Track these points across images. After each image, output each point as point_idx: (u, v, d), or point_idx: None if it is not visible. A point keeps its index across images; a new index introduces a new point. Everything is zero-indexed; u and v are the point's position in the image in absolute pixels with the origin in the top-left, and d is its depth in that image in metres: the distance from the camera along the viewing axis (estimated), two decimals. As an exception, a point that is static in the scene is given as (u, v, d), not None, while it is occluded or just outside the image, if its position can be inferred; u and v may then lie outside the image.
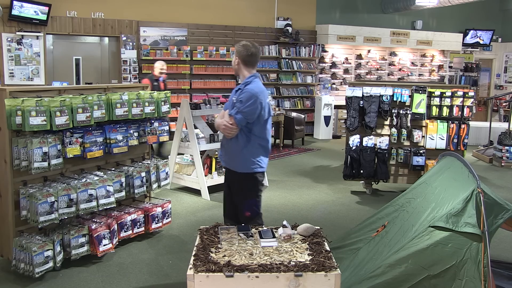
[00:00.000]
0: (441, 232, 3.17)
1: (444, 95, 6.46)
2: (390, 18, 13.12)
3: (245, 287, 2.63)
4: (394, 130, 6.51)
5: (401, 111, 6.45)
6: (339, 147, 10.04)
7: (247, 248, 2.96)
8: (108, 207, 4.30)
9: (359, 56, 12.54)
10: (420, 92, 6.42)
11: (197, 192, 6.46)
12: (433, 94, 6.47)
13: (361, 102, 6.45)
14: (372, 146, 6.46)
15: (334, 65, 12.24)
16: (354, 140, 6.49)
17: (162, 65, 7.82)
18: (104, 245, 4.24)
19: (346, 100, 6.55)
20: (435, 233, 3.19)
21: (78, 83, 9.58)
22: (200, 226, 3.35)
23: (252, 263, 2.74)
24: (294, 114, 10.55)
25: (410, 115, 6.41)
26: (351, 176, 6.57)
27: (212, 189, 6.36)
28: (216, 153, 6.68)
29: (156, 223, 4.88)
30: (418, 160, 6.45)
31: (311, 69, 11.92)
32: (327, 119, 11.52)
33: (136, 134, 4.71)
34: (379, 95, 6.43)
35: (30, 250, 3.76)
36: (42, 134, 3.90)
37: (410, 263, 3.14)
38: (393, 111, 6.48)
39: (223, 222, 3.68)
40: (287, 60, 11.54)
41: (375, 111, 6.43)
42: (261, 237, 3.11)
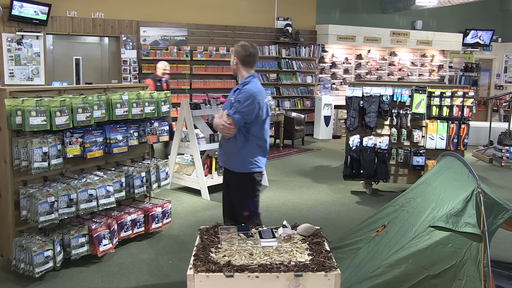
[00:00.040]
0: (441, 232, 3.17)
1: (444, 95, 6.46)
2: (390, 18, 13.12)
3: (245, 287, 2.63)
4: (394, 130, 6.51)
5: (401, 111, 6.45)
6: (339, 147, 10.04)
7: (247, 248, 2.96)
8: (108, 207, 4.30)
9: (359, 56, 12.54)
10: (420, 92, 6.42)
11: (197, 192, 6.46)
12: (433, 94, 6.47)
13: (361, 102, 6.45)
14: (372, 146, 6.46)
15: (334, 65, 12.24)
16: (354, 140, 6.49)
17: (165, 65, 7.82)
18: (104, 245, 4.24)
19: (346, 100, 6.55)
20: (435, 233, 3.19)
21: (78, 83, 9.58)
22: (200, 226, 3.35)
23: (252, 263, 2.74)
24: (294, 114, 10.54)
25: (410, 115, 6.42)
26: (351, 176, 6.57)
27: (212, 189, 6.36)
28: (216, 153, 6.68)
29: (156, 223, 4.88)
30: (418, 160, 6.45)
31: (311, 69, 11.92)
32: (327, 119, 11.52)
33: (136, 134, 4.71)
34: (379, 95, 6.43)
35: (30, 250, 3.76)
36: (42, 134, 3.90)
37: (410, 263, 3.14)
38: (393, 111, 6.48)
39: (223, 222, 3.68)
40: (287, 60, 11.54)
41: (375, 111, 6.43)
42: (261, 237, 3.11)
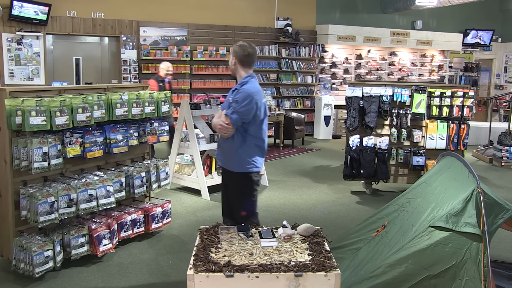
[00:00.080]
0: (441, 232, 3.17)
1: (444, 95, 6.46)
2: (390, 18, 13.12)
3: (245, 287, 2.63)
4: (394, 130, 6.51)
5: (401, 111, 6.45)
6: (339, 147, 10.03)
7: (247, 248, 2.96)
8: (108, 207, 4.30)
9: (359, 56, 12.53)
10: (420, 92, 6.42)
11: (197, 192, 6.46)
12: (433, 94, 6.47)
13: (361, 102, 6.45)
14: (372, 146, 6.46)
15: (334, 65, 12.24)
16: (354, 140, 6.49)
17: (167, 66, 7.82)
18: (104, 245, 4.24)
19: (346, 100, 6.55)
20: (435, 233, 3.19)
21: (78, 83, 9.58)
22: (200, 226, 3.35)
23: (252, 263, 2.74)
24: (294, 114, 10.54)
25: (410, 115, 6.41)
26: (351, 176, 6.57)
27: (212, 189, 6.36)
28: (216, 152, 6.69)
29: (156, 223, 4.88)
30: (418, 160, 6.45)
31: (311, 69, 11.92)
32: (327, 119, 11.52)
33: (136, 134, 4.71)
34: (379, 95, 6.43)
35: (30, 250, 3.76)
36: (42, 134, 3.90)
37: (410, 263, 3.14)
38: (393, 111, 6.48)
39: (222, 222, 3.68)
40: (287, 60, 11.54)
41: (375, 111, 6.43)
42: (261, 237, 3.11)
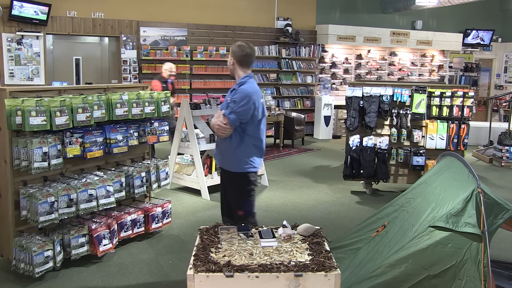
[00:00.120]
0: (441, 232, 3.17)
1: (444, 95, 6.46)
2: (390, 18, 13.12)
3: (245, 287, 2.63)
4: (394, 130, 6.50)
5: (401, 111, 6.45)
6: (339, 147, 10.03)
7: (247, 248, 2.96)
8: (108, 207, 4.30)
9: (359, 56, 12.54)
10: (420, 92, 6.42)
11: (197, 192, 6.46)
12: (433, 94, 6.47)
13: (361, 102, 6.45)
14: (372, 146, 6.46)
15: (334, 65, 12.24)
16: (354, 140, 6.48)
17: (171, 67, 7.83)
18: (104, 245, 4.24)
19: (346, 100, 6.55)
20: (435, 233, 3.19)
21: (78, 83, 9.59)
22: (200, 226, 3.34)
23: (252, 263, 2.74)
24: (294, 114, 10.54)
25: (410, 115, 6.41)
26: (351, 176, 6.57)
27: (212, 189, 6.35)
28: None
29: (156, 223, 4.88)
30: (418, 160, 6.45)
31: (311, 69, 11.92)
32: (327, 119, 11.52)
33: (136, 134, 4.71)
34: (379, 95, 6.43)
35: (30, 250, 3.76)
36: (42, 134, 3.90)
37: (410, 263, 3.14)
38: (393, 111, 6.48)
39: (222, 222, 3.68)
40: (287, 60, 11.54)
41: (375, 111, 6.43)
42: (261, 237, 3.11)
